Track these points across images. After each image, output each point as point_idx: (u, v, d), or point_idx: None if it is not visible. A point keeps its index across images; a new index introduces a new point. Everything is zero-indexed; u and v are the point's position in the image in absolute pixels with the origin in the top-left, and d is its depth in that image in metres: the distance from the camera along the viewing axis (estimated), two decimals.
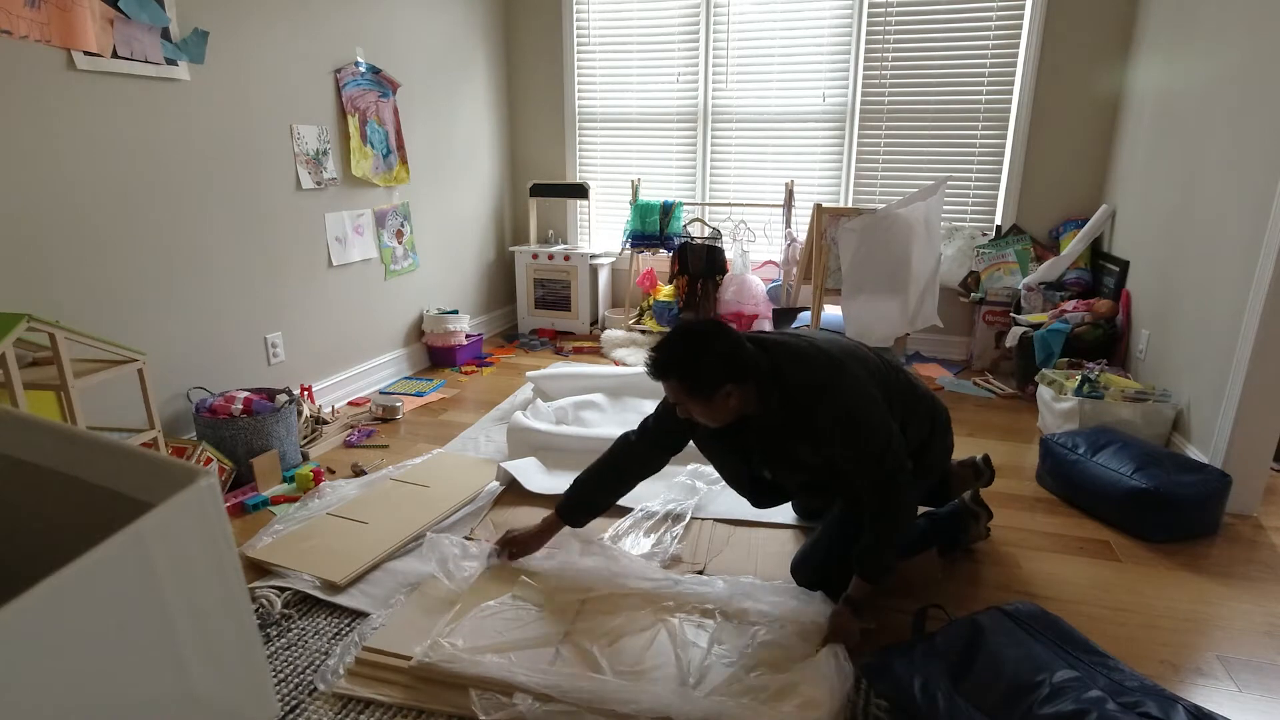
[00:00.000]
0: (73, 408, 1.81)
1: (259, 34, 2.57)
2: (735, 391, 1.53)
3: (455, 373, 3.58)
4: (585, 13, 4.17)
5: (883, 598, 1.74)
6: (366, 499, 2.18)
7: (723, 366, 1.50)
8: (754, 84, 3.99)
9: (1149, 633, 1.66)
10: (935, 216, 3.23)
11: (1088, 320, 3.09)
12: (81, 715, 0.52)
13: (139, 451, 0.67)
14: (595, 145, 4.38)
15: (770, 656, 1.48)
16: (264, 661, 0.70)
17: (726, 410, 1.56)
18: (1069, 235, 3.55)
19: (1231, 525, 2.14)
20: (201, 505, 0.62)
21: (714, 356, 1.50)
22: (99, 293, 2.14)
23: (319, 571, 1.80)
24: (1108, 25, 3.37)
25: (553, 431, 2.51)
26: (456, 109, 3.84)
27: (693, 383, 1.51)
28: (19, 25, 1.86)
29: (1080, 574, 1.89)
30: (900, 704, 1.38)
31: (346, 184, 3.06)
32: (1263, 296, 2.06)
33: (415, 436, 2.77)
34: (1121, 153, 3.35)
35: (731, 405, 1.55)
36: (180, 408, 2.42)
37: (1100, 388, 2.60)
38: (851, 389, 1.56)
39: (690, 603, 1.64)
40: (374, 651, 1.50)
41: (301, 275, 2.88)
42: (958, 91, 3.67)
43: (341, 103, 2.98)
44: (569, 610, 1.62)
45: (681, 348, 1.51)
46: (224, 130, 2.48)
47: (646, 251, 4.10)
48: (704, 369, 1.50)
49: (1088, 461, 2.20)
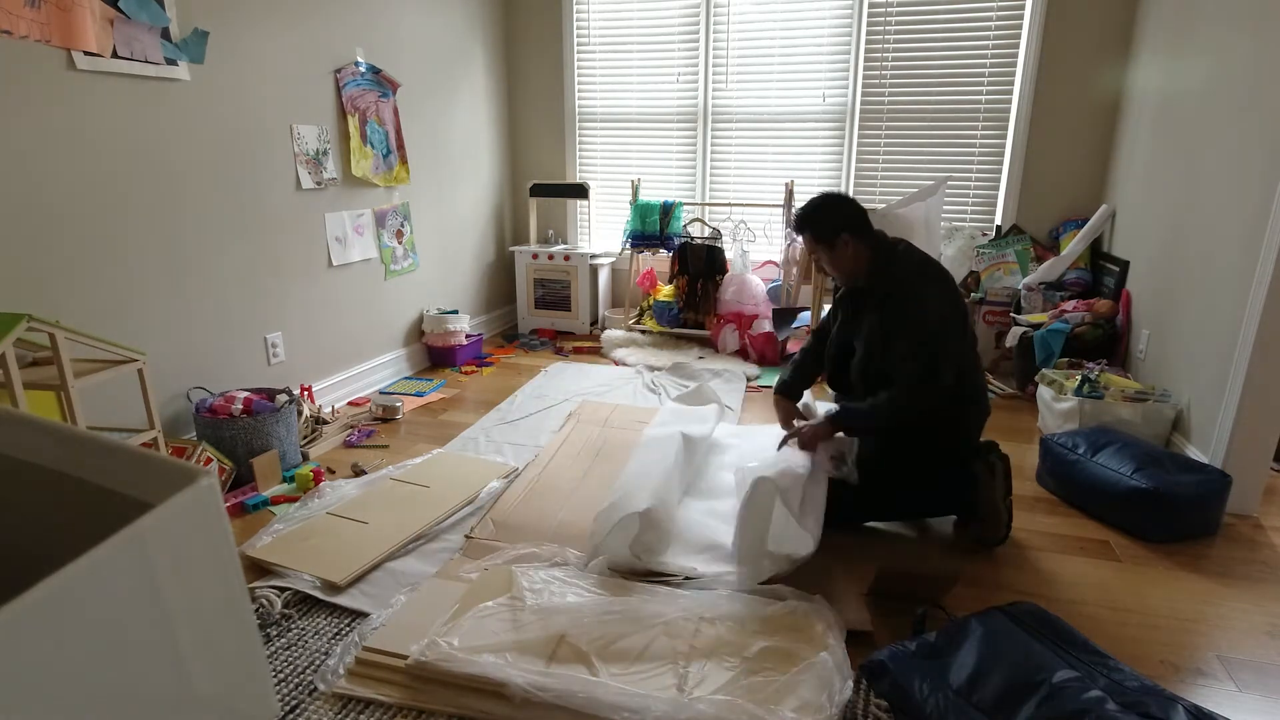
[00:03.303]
0: (73, 408, 1.81)
1: (259, 34, 2.57)
2: (851, 242, 1.90)
3: (455, 373, 3.58)
4: (585, 13, 4.17)
5: (883, 598, 1.74)
6: (366, 499, 2.18)
7: (840, 217, 1.90)
8: (754, 84, 3.99)
9: (1149, 633, 1.66)
10: (935, 216, 3.24)
11: (1088, 320, 3.08)
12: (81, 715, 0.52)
13: (139, 451, 0.66)
14: (595, 145, 4.38)
15: (768, 659, 1.48)
16: (264, 661, 0.70)
17: (847, 260, 1.92)
18: (1069, 235, 3.55)
19: (1231, 525, 2.14)
20: (201, 505, 0.61)
21: (832, 209, 1.92)
22: (99, 293, 2.14)
23: (319, 571, 1.80)
24: (1108, 25, 3.37)
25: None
26: (456, 109, 3.84)
27: (817, 229, 1.92)
28: (19, 25, 1.86)
29: (1080, 574, 1.89)
30: (900, 704, 1.38)
31: (346, 184, 3.06)
32: (1263, 296, 2.06)
33: (415, 436, 2.77)
34: (1121, 153, 3.35)
35: (850, 255, 1.91)
36: (180, 408, 2.42)
37: (1100, 388, 2.60)
38: (944, 299, 1.85)
39: (689, 608, 1.64)
40: (374, 651, 1.50)
41: (301, 275, 2.88)
42: (958, 91, 3.67)
43: (341, 103, 2.98)
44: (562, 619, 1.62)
45: (810, 206, 1.94)
46: (224, 130, 2.48)
47: (646, 251, 4.10)
48: (825, 218, 1.91)
49: (1088, 461, 2.20)
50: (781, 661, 1.46)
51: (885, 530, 2.10)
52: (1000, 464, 1.97)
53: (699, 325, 4.01)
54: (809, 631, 1.55)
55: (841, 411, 1.95)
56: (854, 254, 1.91)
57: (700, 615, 1.61)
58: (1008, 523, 1.98)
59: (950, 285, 1.90)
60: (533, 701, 1.35)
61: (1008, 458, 2.00)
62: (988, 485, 1.94)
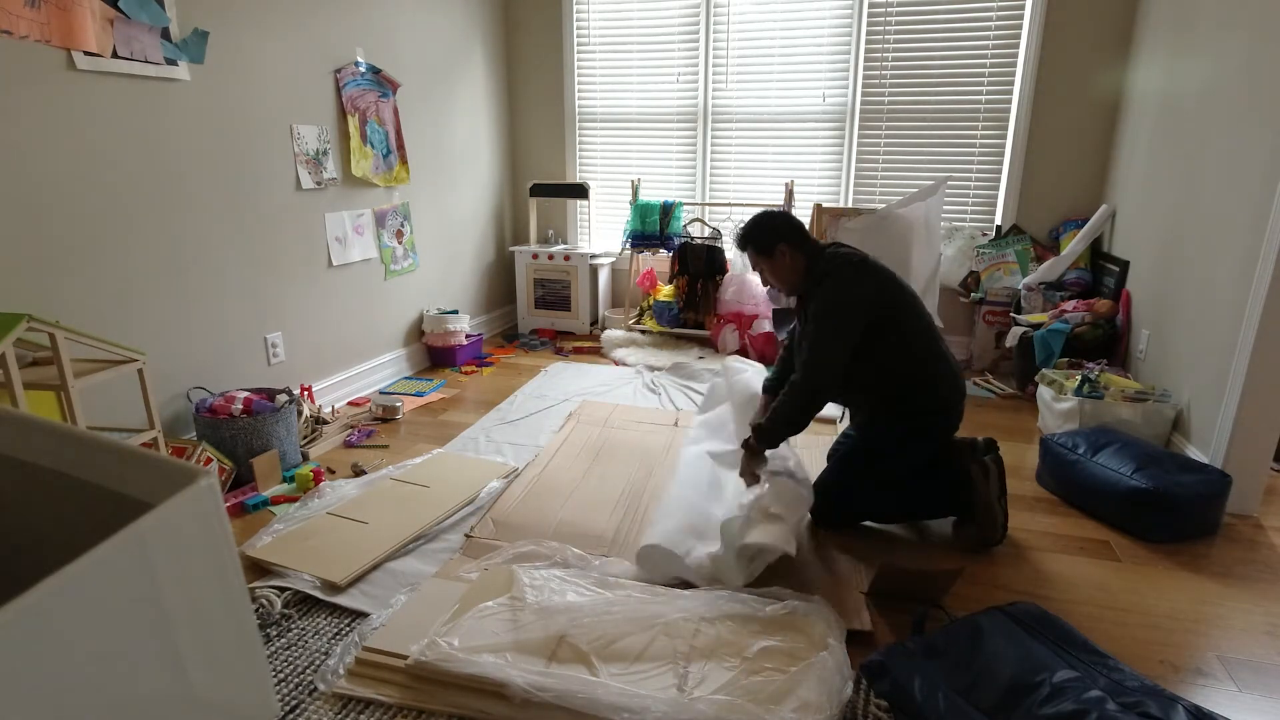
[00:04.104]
0: (73, 408, 1.81)
1: (259, 34, 2.57)
2: (789, 251, 2.02)
3: (455, 373, 3.58)
4: (585, 13, 4.17)
5: (883, 598, 1.74)
6: (366, 499, 2.18)
7: (774, 229, 2.04)
8: (754, 84, 3.99)
9: (1149, 633, 1.66)
10: (935, 216, 3.24)
11: (1088, 320, 3.08)
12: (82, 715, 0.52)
13: (139, 451, 0.67)
14: (595, 145, 4.38)
15: (768, 659, 1.48)
16: (264, 661, 0.70)
17: (786, 269, 2.04)
18: (1069, 235, 3.55)
19: (1231, 525, 2.14)
20: (201, 505, 0.62)
21: (767, 221, 2.06)
22: (99, 293, 2.14)
23: (319, 571, 1.80)
24: (1108, 25, 3.38)
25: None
26: (456, 109, 3.84)
27: (756, 244, 2.05)
28: (19, 25, 1.86)
29: (1080, 574, 1.89)
30: (900, 704, 1.38)
31: (346, 184, 3.06)
32: (1263, 296, 2.06)
33: (415, 436, 2.77)
34: (1121, 153, 3.35)
35: (788, 265, 2.03)
36: (180, 408, 2.43)
37: (1100, 388, 2.60)
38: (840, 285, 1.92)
39: (689, 608, 1.64)
40: (374, 651, 1.50)
41: (301, 275, 2.88)
42: (958, 91, 3.67)
43: (341, 103, 2.98)
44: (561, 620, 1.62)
45: (748, 224, 2.09)
46: (224, 130, 2.48)
47: (646, 251, 4.11)
48: (762, 231, 2.05)
49: (1088, 461, 2.20)
50: (781, 661, 1.46)
51: (885, 530, 2.10)
52: (995, 465, 1.97)
53: (699, 325, 4.01)
54: (809, 631, 1.54)
55: (754, 431, 1.98)
56: (791, 263, 2.04)
57: (700, 615, 1.60)
58: (1004, 523, 1.98)
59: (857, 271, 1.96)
60: (533, 701, 1.35)
61: (1001, 458, 2.00)
62: (982, 485, 1.95)
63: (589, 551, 1.91)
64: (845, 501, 2.08)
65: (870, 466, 2.05)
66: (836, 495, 2.06)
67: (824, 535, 2.05)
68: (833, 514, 2.09)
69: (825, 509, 2.08)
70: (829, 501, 2.06)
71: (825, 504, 2.06)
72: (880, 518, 2.11)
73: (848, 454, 2.10)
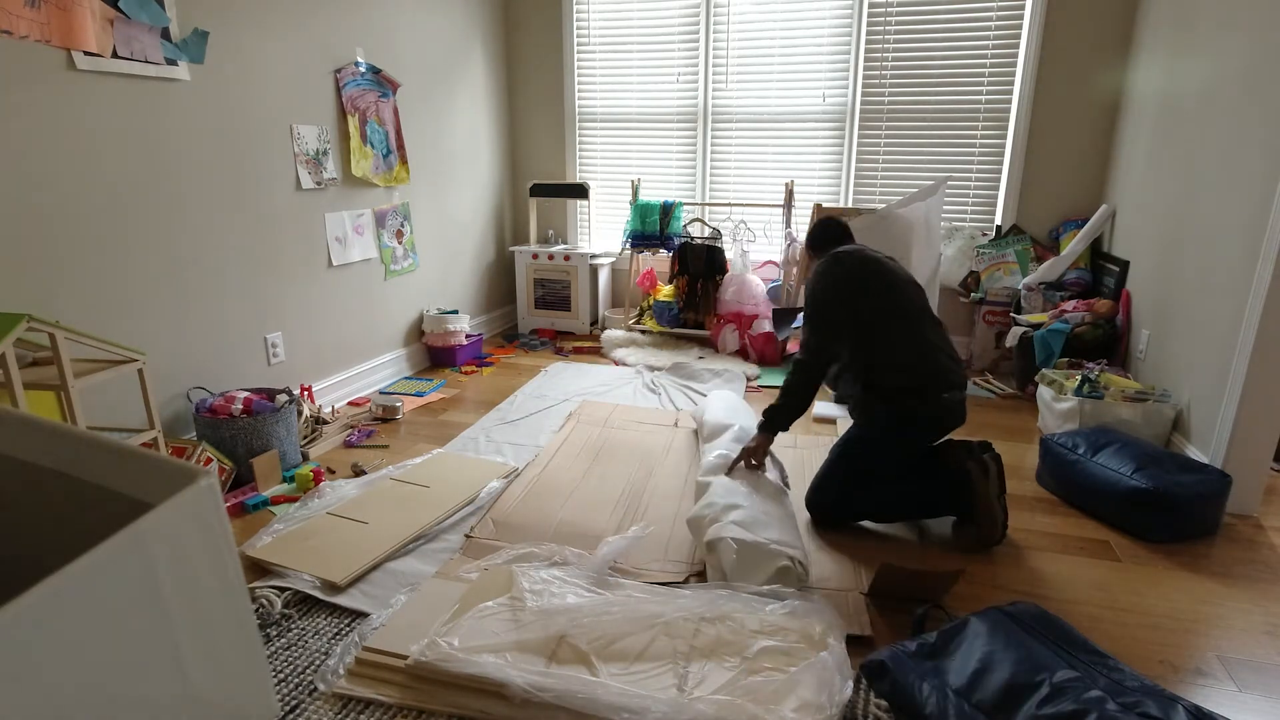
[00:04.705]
0: (73, 408, 1.81)
1: (259, 34, 2.57)
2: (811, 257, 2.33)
3: (455, 373, 3.58)
4: (585, 13, 4.17)
5: (883, 598, 1.74)
6: (366, 499, 2.18)
7: (812, 235, 2.35)
8: (754, 84, 3.99)
9: (1149, 633, 1.66)
10: (935, 216, 3.24)
11: (1088, 320, 3.08)
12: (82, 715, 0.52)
13: (139, 451, 0.67)
14: (595, 145, 4.38)
15: (768, 659, 1.48)
16: (264, 661, 0.70)
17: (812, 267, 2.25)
18: (1069, 235, 3.55)
19: (1231, 525, 2.14)
20: (201, 505, 0.62)
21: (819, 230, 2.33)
22: (99, 293, 2.14)
23: (319, 571, 1.80)
24: (1108, 25, 3.38)
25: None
26: (456, 109, 3.84)
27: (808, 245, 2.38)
28: (19, 25, 1.86)
29: (1080, 574, 1.89)
30: (900, 704, 1.38)
31: (346, 184, 3.06)
32: (1263, 296, 2.06)
33: (415, 436, 2.77)
34: (1121, 153, 3.35)
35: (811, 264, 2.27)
36: (180, 408, 2.43)
37: (1100, 388, 2.60)
38: (830, 276, 2.10)
39: (689, 608, 1.64)
40: (374, 651, 1.50)
41: (301, 275, 2.88)
42: (958, 91, 3.67)
43: (341, 103, 2.98)
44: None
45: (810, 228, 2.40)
46: (224, 130, 2.48)
47: (646, 251, 4.11)
48: (811, 237, 2.36)
49: (1088, 461, 2.20)
50: (781, 661, 1.46)
51: (885, 530, 2.10)
52: (994, 463, 1.97)
53: (699, 325, 4.01)
54: (809, 631, 1.55)
55: (765, 413, 2.14)
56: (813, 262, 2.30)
57: (700, 615, 1.60)
58: (1003, 522, 1.98)
59: (827, 265, 2.13)
60: (533, 702, 1.35)
61: (999, 457, 2.00)
62: (981, 483, 1.95)
63: (590, 552, 1.91)
64: (844, 501, 2.08)
65: (864, 454, 2.07)
66: (834, 490, 2.08)
67: (824, 535, 2.05)
68: (832, 514, 2.09)
69: (825, 509, 2.08)
70: (828, 501, 2.07)
71: (824, 503, 2.07)
72: (880, 518, 2.11)
73: (843, 442, 2.15)
